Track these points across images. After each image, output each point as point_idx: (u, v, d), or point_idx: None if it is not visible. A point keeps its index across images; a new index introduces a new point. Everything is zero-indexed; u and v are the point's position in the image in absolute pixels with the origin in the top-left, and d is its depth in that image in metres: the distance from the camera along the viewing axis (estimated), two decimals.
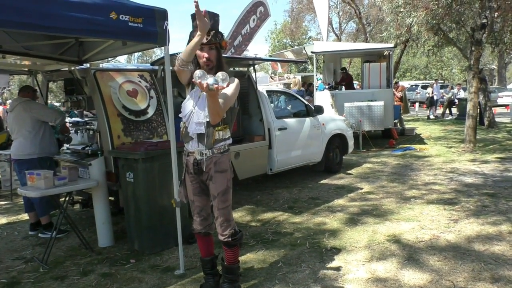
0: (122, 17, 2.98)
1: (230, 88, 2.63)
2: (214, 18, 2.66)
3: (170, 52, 3.48)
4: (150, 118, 4.61)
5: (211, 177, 2.81)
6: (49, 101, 5.69)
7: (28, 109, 4.47)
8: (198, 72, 2.38)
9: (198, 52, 2.67)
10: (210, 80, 2.33)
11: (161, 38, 3.25)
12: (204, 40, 2.60)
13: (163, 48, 3.39)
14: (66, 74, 4.78)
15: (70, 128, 5.03)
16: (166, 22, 3.25)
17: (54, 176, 3.81)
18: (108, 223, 4.25)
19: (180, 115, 2.84)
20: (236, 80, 2.74)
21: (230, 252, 2.97)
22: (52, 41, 4.12)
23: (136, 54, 45.01)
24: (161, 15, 3.23)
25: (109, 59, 13.30)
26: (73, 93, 4.95)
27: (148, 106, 4.62)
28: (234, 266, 3.03)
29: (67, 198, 4.08)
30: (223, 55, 2.87)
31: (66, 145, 5.14)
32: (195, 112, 2.73)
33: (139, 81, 4.64)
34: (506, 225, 4.36)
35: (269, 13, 11.53)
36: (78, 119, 5.13)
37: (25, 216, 5.11)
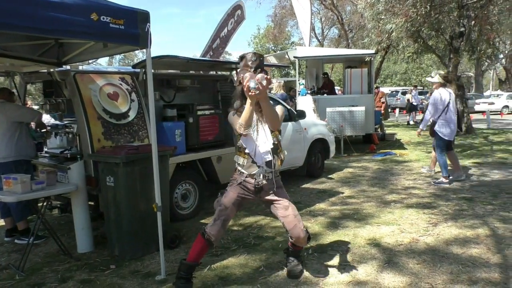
0: (103, 18, 2.95)
1: (279, 110, 3.10)
2: (259, 58, 3.02)
3: (152, 55, 3.45)
4: (131, 122, 4.56)
5: (275, 194, 3.17)
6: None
7: (3, 110, 4.36)
8: (247, 75, 2.77)
9: None
10: (251, 83, 2.68)
11: (143, 41, 3.23)
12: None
13: (144, 50, 3.36)
14: (45, 76, 4.69)
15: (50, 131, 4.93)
16: (148, 24, 3.23)
17: (32, 181, 3.73)
18: (87, 228, 4.18)
19: (246, 149, 3.07)
20: (281, 107, 3.18)
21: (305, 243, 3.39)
22: (31, 42, 4.05)
23: (118, 57, 44.59)
24: (143, 17, 3.21)
25: (90, 61, 13.15)
26: (52, 95, 4.86)
27: (129, 109, 4.56)
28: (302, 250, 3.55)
29: (45, 203, 4.00)
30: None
31: (45, 149, 5.03)
32: (258, 145, 3.03)
33: (120, 84, 4.58)
34: (483, 228, 4.45)
35: (244, 16, 11.72)
36: (57, 122, 5.03)
37: (1, 222, 4.97)
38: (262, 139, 3.04)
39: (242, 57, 3.07)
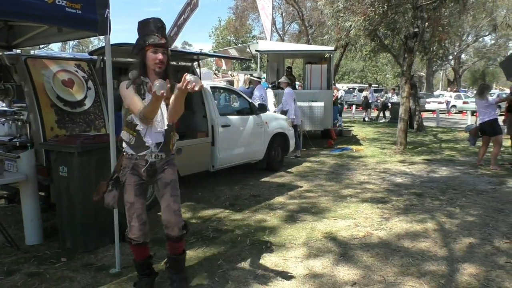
0: (58, 1, 2.81)
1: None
2: (163, 26, 2.75)
3: (111, 42, 3.33)
4: (87, 110, 4.39)
5: (163, 170, 2.90)
6: None
7: None
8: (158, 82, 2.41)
9: (152, 55, 2.70)
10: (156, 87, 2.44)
11: (101, 27, 3.10)
12: (161, 42, 2.69)
13: (101, 37, 3.23)
14: None
15: None
16: (107, 10, 3.11)
17: None
18: (37, 219, 3.99)
19: (138, 125, 2.79)
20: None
21: (181, 243, 3.05)
22: None
23: (71, 43, 42.75)
24: (102, 2, 3.08)
25: (41, 46, 12.49)
26: (0, 80, 4.58)
27: (85, 97, 4.39)
28: (183, 256, 3.11)
29: None
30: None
31: None
32: (152, 124, 2.78)
33: (76, 71, 4.39)
34: (431, 223, 4.68)
35: (198, 3, 11.74)
36: (5, 108, 4.75)
37: None
38: (158, 118, 2.77)
39: (142, 23, 2.72)
